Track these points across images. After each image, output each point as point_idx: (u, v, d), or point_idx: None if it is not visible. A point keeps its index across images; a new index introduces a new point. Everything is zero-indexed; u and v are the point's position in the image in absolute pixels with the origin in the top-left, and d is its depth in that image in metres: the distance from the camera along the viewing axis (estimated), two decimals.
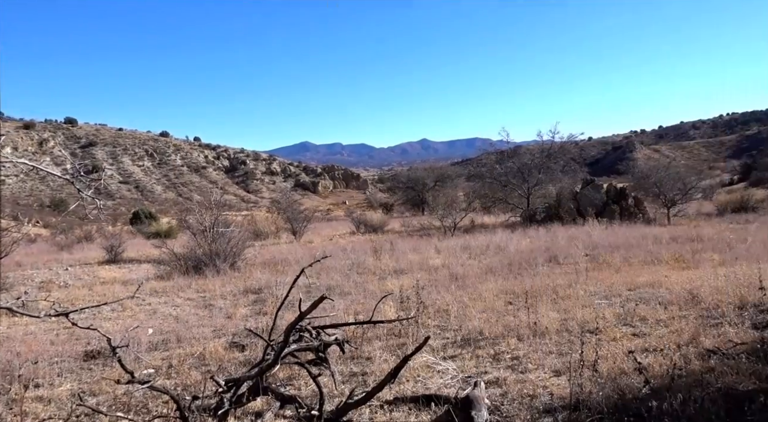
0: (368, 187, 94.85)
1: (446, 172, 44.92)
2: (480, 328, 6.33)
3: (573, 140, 27.82)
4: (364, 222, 26.64)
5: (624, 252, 12.15)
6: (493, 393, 4.37)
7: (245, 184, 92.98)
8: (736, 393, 3.49)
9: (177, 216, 25.76)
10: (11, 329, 8.32)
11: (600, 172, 75.34)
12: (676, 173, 24.38)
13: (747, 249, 11.21)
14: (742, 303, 6.16)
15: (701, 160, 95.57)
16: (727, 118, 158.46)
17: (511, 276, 10.19)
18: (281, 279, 10.57)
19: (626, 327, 5.96)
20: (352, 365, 5.51)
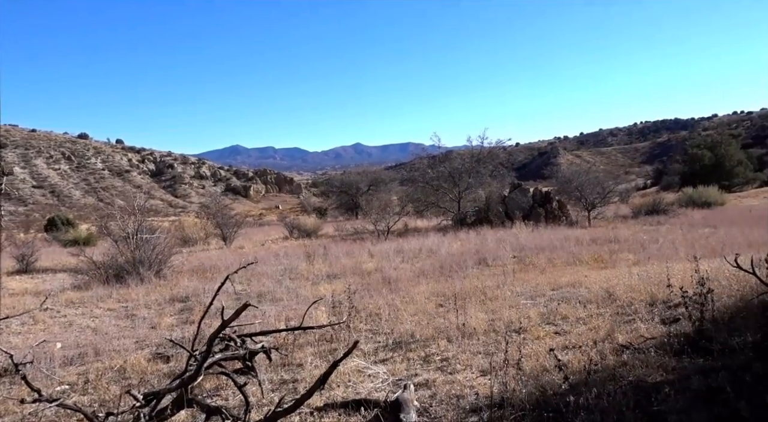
0: (302, 192, 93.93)
1: (380, 177, 45.20)
2: (411, 331, 6.41)
3: (501, 146, 28.78)
4: (297, 227, 26.33)
5: (549, 253, 12.67)
6: (422, 395, 4.43)
7: (173, 188, 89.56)
8: (645, 385, 3.72)
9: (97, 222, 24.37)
10: None
11: (527, 177, 78.36)
12: (595, 178, 25.73)
13: (658, 249, 11.99)
14: (653, 300, 6.56)
15: (618, 166, 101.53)
16: (641, 126, 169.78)
17: (442, 278, 10.39)
18: (210, 286, 10.27)
19: (549, 326, 6.21)
20: (283, 372, 5.42)
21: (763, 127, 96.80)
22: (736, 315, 4.95)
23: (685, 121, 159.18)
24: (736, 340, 4.36)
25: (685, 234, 14.97)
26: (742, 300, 5.32)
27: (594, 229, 19.01)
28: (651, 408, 3.31)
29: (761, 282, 4.36)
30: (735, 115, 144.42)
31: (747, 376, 3.35)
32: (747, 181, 44.00)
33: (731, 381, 3.40)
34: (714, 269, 6.81)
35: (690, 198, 27.56)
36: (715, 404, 3.16)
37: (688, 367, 4.05)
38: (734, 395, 3.09)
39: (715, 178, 39.12)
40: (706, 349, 4.30)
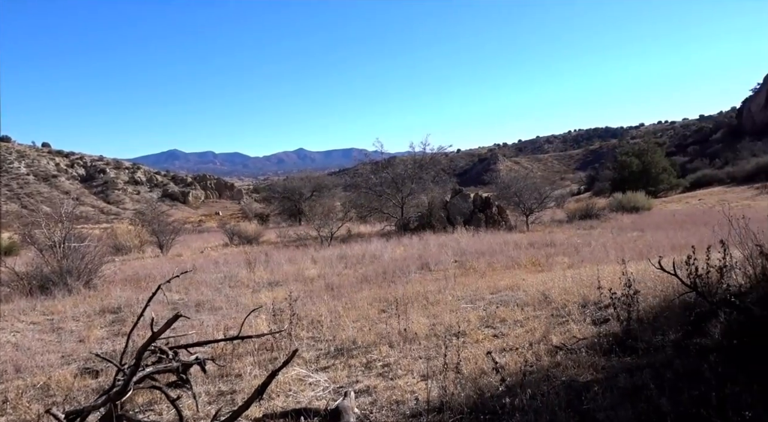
0: (243, 197, 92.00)
1: (323, 182, 44.89)
2: (353, 337, 6.38)
3: (443, 152, 29.26)
4: (238, 234, 25.73)
5: (488, 257, 12.97)
6: (363, 401, 4.42)
7: (105, 194, 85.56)
8: (577, 385, 3.86)
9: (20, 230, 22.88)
10: None
11: (468, 182, 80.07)
12: (533, 184, 26.60)
13: (591, 253, 12.51)
14: (585, 301, 6.83)
15: (554, 172, 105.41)
16: (575, 133, 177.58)
17: (385, 284, 10.43)
18: (144, 296, 9.84)
19: (488, 329, 6.35)
20: (221, 383, 5.27)
21: (684, 136, 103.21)
22: (660, 315, 5.23)
23: (615, 130, 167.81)
24: (659, 339, 4.61)
25: (615, 237, 15.70)
26: (665, 300, 5.62)
27: (531, 234, 19.63)
28: (581, 406, 3.45)
29: (682, 283, 4.62)
30: (660, 124, 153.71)
31: (668, 373, 3.55)
32: (671, 186, 46.74)
33: (654, 378, 3.59)
34: (641, 271, 7.16)
35: (620, 203, 28.97)
36: (639, 401, 3.31)
37: (615, 366, 4.24)
38: (656, 391, 3.25)
39: (643, 183, 41.35)
40: (633, 348, 4.52)
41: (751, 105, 72.95)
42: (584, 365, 4.35)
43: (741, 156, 50.57)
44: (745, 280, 4.83)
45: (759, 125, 68.56)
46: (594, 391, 3.52)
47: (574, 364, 4.41)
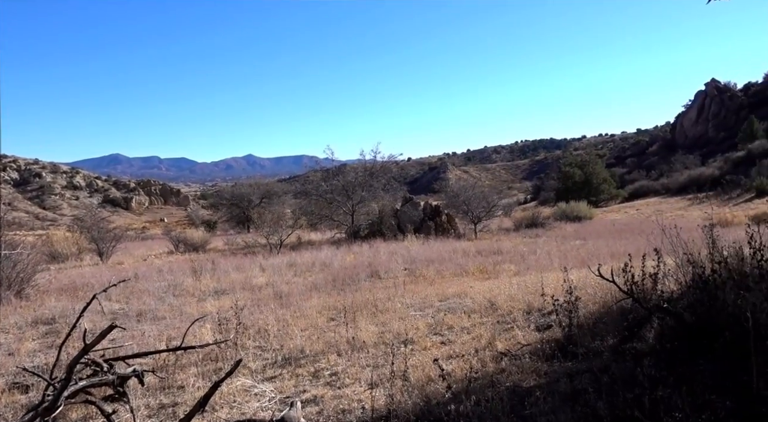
0: (189, 204, 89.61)
1: (273, 189, 44.29)
2: (301, 346, 6.31)
3: (393, 160, 29.50)
4: (183, 241, 25.01)
5: (438, 265, 13.12)
6: (310, 411, 4.37)
7: (40, 199, 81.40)
8: (520, 390, 3.95)
9: None
10: None
11: (418, 191, 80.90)
12: (481, 192, 27.16)
13: (536, 260, 12.86)
14: (530, 308, 7.01)
15: (502, 181, 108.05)
16: (521, 144, 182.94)
17: (334, 292, 10.37)
18: (80, 306, 9.37)
19: (436, 336, 6.41)
20: (162, 396, 5.09)
21: (623, 148, 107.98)
22: (599, 321, 5.43)
23: (559, 141, 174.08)
24: (598, 344, 4.79)
25: (560, 245, 16.22)
26: (604, 306, 5.84)
27: (480, 242, 20.01)
28: (524, 411, 3.53)
29: (620, 289, 4.82)
30: (600, 136, 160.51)
31: (606, 377, 3.68)
32: (611, 196, 48.79)
33: (592, 382, 3.72)
34: (582, 278, 7.42)
35: (563, 212, 30.00)
36: (578, 404, 3.42)
37: (557, 371, 4.37)
38: (594, 395, 3.37)
39: (585, 193, 43.01)
40: (573, 353, 4.67)
41: (683, 120, 77.29)
42: (527, 371, 4.46)
43: (675, 168, 53.40)
44: (677, 287, 5.09)
45: (691, 139, 72.73)
46: (536, 396, 3.61)
47: (518, 370, 4.51)
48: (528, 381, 4.20)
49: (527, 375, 4.37)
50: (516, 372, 4.47)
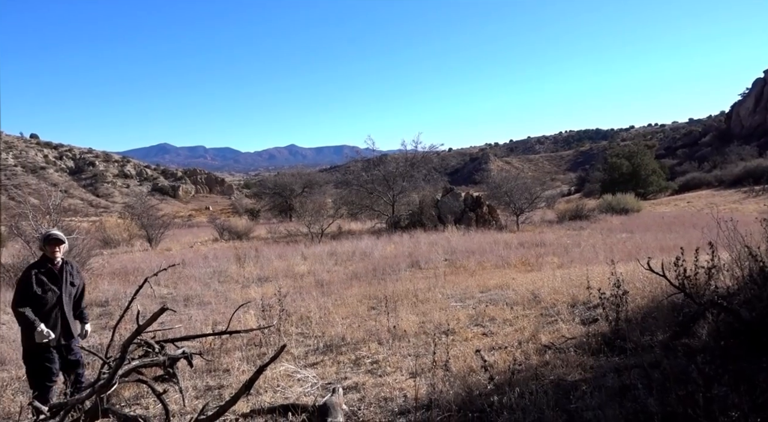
0: (233, 193, 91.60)
1: (314, 179, 44.70)
2: (342, 334, 6.37)
3: (434, 150, 29.25)
4: (228, 229, 25.60)
5: (478, 256, 12.99)
6: (351, 398, 4.40)
7: (94, 187, 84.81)
8: (565, 384, 3.87)
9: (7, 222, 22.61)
10: None
11: (459, 181, 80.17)
12: (523, 184, 26.65)
13: (580, 253, 12.57)
14: (574, 301, 6.86)
15: (545, 172, 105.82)
16: (566, 134, 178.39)
17: (375, 281, 10.42)
18: (131, 290, 9.74)
19: (477, 327, 6.36)
20: (209, 378, 5.24)
21: (674, 138, 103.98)
22: (648, 316, 5.25)
23: (606, 131, 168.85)
24: (647, 339, 4.63)
25: (605, 238, 15.79)
26: (653, 301, 5.65)
27: (522, 233, 19.70)
28: (569, 405, 3.45)
29: (671, 284, 4.64)
30: (650, 126, 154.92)
31: (656, 373, 3.56)
32: (660, 189, 47.07)
33: (642, 378, 3.60)
34: (629, 272, 7.20)
35: (609, 204, 29.11)
36: (627, 400, 3.33)
37: (604, 366, 4.25)
38: (644, 391, 3.27)
39: (632, 185, 41.61)
40: (621, 348, 4.54)
41: (739, 109, 73.63)
42: (572, 364, 4.36)
43: (729, 160, 51.00)
44: (732, 282, 4.87)
45: (747, 129, 69.25)
46: (582, 390, 3.53)
47: (562, 363, 4.42)
48: (573, 375, 4.11)
49: (572, 368, 4.28)
50: (560, 365, 4.38)
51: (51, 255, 4.37)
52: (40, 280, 4.22)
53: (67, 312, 4.32)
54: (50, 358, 4.22)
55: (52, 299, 4.25)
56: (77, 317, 4.56)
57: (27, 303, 4.17)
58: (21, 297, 4.19)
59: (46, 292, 4.22)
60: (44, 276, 4.27)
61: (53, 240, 4.37)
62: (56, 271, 4.36)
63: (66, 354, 4.35)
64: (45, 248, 4.42)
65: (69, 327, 4.32)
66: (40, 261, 4.40)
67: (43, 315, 4.18)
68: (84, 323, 4.61)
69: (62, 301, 4.30)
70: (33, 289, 4.18)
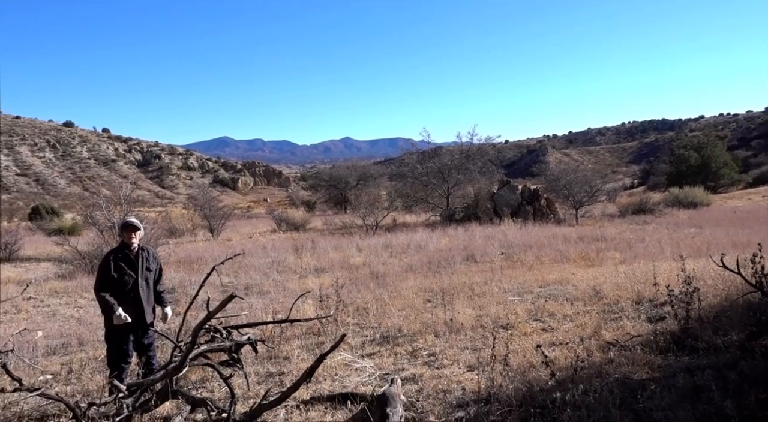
0: (290, 185, 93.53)
1: (369, 171, 44.99)
2: (399, 326, 6.40)
3: (490, 142, 28.78)
4: (285, 220, 26.20)
5: (536, 250, 12.73)
6: (409, 389, 4.42)
7: (160, 179, 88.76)
8: (631, 383, 3.74)
9: (82, 211, 24.06)
10: None
11: (515, 174, 78.67)
12: (583, 176, 25.84)
13: (645, 248, 12.08)
14: (639, 298, 6.61)
15: (606, 165, 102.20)
16: (629, 125, 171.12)
17: (430, 274, 10.40)
18: (196, 278, 10.18)
19: (536, 323, 6.23)
20: (269, 365, 5.39)
21: (748, 129, 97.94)
22: (722, 314, 4.99)
23: (672, 122, 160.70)
24: (721, 339, 4.40)
25: (671, 233, 15.11)
26: (727, 299, 5.37)
27: (581, 227, 19.14)
28: (637, 405, 3.33)
29: (746, 282, 4.39)
30: (722, 116, 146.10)
31: (733, 375, 3.38)
32: (732, 182, 44.52)
33: (716, 380, 3.42)
34: (700, 268, 6.87)
35: (676, 198, 27.79)
36: (700, 402, 3.17)
37: (673, 365, 4.08)
38: (719, 393, 3.11)
39: (701, 178, 39.53)
40: (692, 348, 4.34)
41: None
42: (639, 363, 4.21)
43: None
44: None
45: None
46: (651, 390, 3.39)
47: (628, 362, 4.27)
48: (640, 374, 3.96)
49: (638, 367, 4.12)
50: (626, 363, 4.24)
51: (128, 241, 4.62)
52: (117, 265, 4.48)
53: (142, 296, 4.57)
54: (126, 340, 4.47)
55: (129, 283, 4.50)
56: (156, 300, 4.81)
57: (106, 287, 4.42)
58: (101, 281, 4.46)
59: (123, 277, 4.47)
60: (121, 261, 4.52)
61: (130, 226, 4.63)
62: (132, 257, 4.60)
63: (140, 336, 4.59)
64: (122, 234, 4.68)
65: (144, 311, 4.56)
66: (118, 248, 4.66)
67: (121, 298, 4.43)
68: (164, 306, 4.86)
69: (138, 285, 4.54)
70: (111, 274, 4.44)
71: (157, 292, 4.82)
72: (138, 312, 4.51)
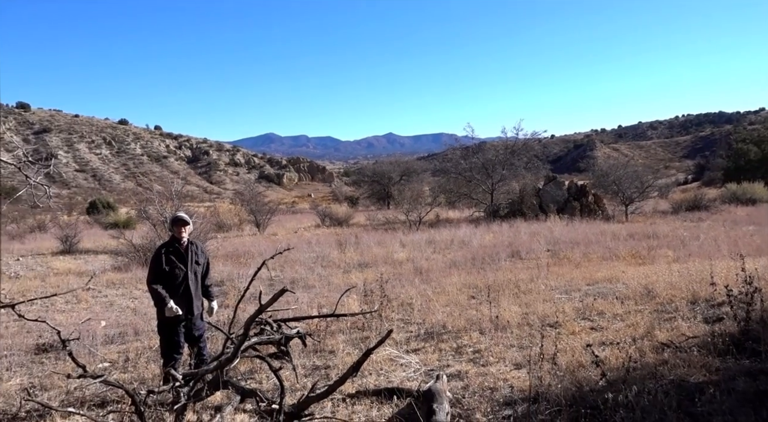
0: (334, 180, 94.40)
1: (412, 167, 44.90)
2: (443, 322, 6.38)
3: (536, 137, 28.22)
4: (329, 216, 26.49)
5: (584, 248, 12.43)
6: (455, 386, 4.40)
7: (208, 174, 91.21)
8: (688, 385, 3.60)
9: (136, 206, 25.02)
10: None
11: (562, 170, 76.90)
12: (634, 172, 25.01)
13: (699, 246, 11.61)
14: (695, 298, 6.37)
15: (658, 160, 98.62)
16: (683, 119, 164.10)
17: (474, 270, 10.31)
18: (244, 271, 10.43)
19: (585, 321, 6.09)
20: (315, 358, 5.47)
21: None
22: None
23: (730, 115, 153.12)
24: None
25: (728, 231, 14.46)
26: None
27: (631, 224, 18.56)
28: (694, 408, 3.21)
29: None
30: None
31: None
32: None
33: None
34: (761, 268, 6.56)
35: (733, 194, 26.53)
36: (763, 407, 3.03)
37: (733, 368, 3.91)
38: None
39: (761, 173, 37.53)
40: (753, 350, 4.14)
41: None
42: (696, 365, 4.05)
43: None
44: None
45: None
46: (709, 394, 3.26)
47: (683, 363, 4.12)
48: (696, 377, 3.81)
49: (695, 369, 3.97)
50: (681, 365, 4.09)
51: (178, 235, 4.77)
52: (168, 259, 4.64)
53: (192, 289, 4.72)
54: (177, 332, 4.63)
55: (179, 276, 4.65)
56: (204, 294, 4.96)
57: (158, 279, 4.59)
58: (153, 274, 4.63)
59: (173, 270, 4.62)
60: (172, 254, 4.68)
61: (180, 221, 4.78)
62: (182, 250, 4.75)
63: (191, 328, 4.74)
64: (173, 229, 4.83)
65: (193, 303, 4.71)
66: (169, 241, 4.82)
67: (171, 291, 4.59)
68: (210, 300, 5.02)
69: (188, 278, 4.70)
70: (162, 266, 4.60)
71: (204, 286, 4.96)
72: (188, 304, 4.67)
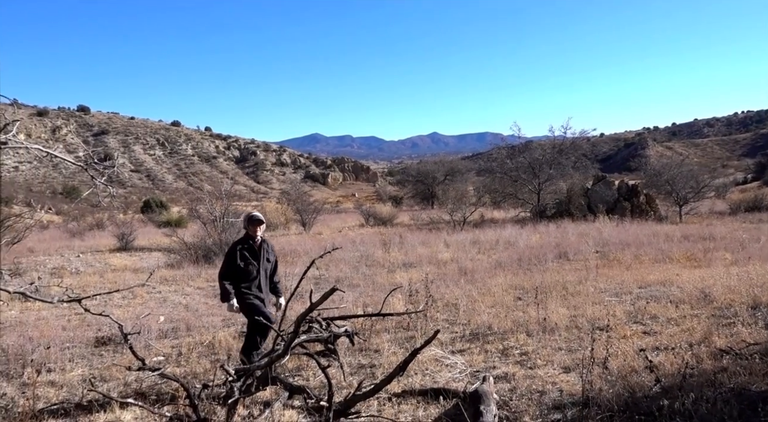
0: (378, 180, 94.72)
1: (456, 166, 44.58)
2: (489, 323, 6.32)
3: (585, 136, 27.54)
4: (373, 215, 26.63)
5: (635, 249, 12.06)
6: (501, 388, 4.36)
7: (255, 174, 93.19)
8: (749, 394, 3.45)
9: (187, 205, 25.86)
10: (24, 314, 8.43)
11: (611, 169, 74.69)
12: (688, 171, 24.07)
13: (760, 249, 11.08)
14: (756, 303, 6.09)
15: (714, 158, 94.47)
16: (742, 115, 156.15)
17: (520, 271, 10.16)
18: (291, 270, 10.59)
19: (637, 325, 5.92)
20: (361, 357, 5.52)
21: None
22: None
23: None
24: None
25: None
26: None
27: (686, 226, 17.87)
28: (757, 419, 3.07)
29: None
30: None
31: None
32: None
33: None
34: None
35: None
36: None
37: None
38: None
39: None
40: None
41: None
42: (758, 373, 3.87)
43: None
44: None
45: None
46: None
47: (744, 371, 3.95)
48: (759, 385, 3.65)
49: (758, 378, 3.79)
50: (742, 372, 3.91)
51: (252, 233, 4.96)
52: (243, 255, 4.84)
53: (263, 285, 4.92)
54: (264, 332, 4.81)
55: (252, 272, 4.87)
56: (272, 290, 5.19)
57: (229, 275, 4.79)
58: (226, 269, 4.84)
59: (247, 266, 4.84)
60: (246, 251, 4.88)
61: (255, 220, 4.97)
62: (256, 248, 4.95)
63: None
64: (248, 227, 5.03)
65: (264, 299, 4.90)
66: (243, 239, 5.02)
67: (246, 286, 4.79)
68: (278, 296, 5.22)
69: (260, 275, 4.88)
70: (237, 262, 4.81)
71: (273, 283, 5.14)
72: (259, 299, 4.86)
